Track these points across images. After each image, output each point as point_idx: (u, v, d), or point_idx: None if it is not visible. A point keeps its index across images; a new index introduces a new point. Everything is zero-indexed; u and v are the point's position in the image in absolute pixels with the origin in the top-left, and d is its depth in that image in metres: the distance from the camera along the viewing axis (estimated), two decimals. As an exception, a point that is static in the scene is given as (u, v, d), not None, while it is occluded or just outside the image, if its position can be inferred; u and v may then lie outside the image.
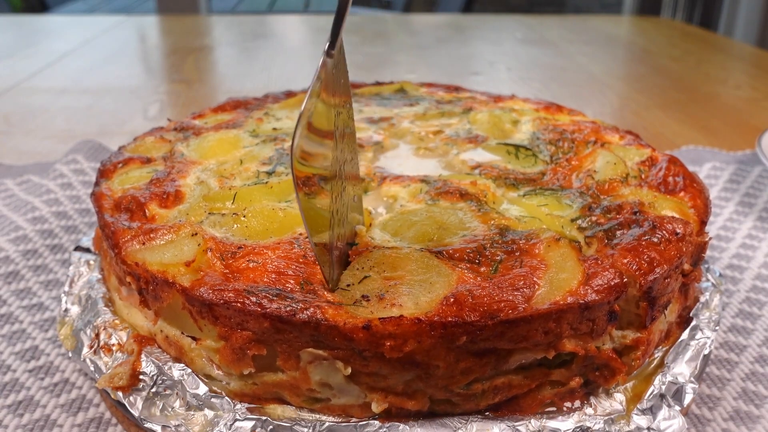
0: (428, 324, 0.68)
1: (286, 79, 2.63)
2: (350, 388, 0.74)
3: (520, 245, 0.81)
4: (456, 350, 0.71)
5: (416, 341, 0.69)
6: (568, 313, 0.72)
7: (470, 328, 0.69)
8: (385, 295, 0.73)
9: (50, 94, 2.37)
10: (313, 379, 0.74)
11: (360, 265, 0.78)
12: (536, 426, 0.75)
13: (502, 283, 0.74)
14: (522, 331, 0.71)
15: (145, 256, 0.82)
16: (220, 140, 1.13)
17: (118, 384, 0.79)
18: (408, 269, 0.77)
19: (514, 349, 0.73)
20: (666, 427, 0.76)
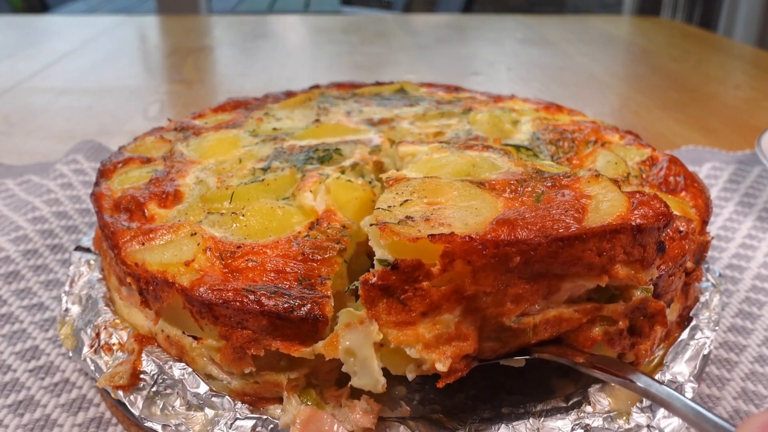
0: (480, 242, 0.65)
1: (286, 79, 2.63)
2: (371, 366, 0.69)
3: (560, 181, 0.79)
4: (507, 274, 0.67)
5: (466, 261, 0.65)
6: (621, 234, 0.70)
7: (524, 248, 0.66)
8: (431, 216, 0.71)
9: (50, 94, 2.37)
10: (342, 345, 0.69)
11: (398, 190, 0.77)
12: (536, 424, 0.75)
13: (552, 207, 0.72)
14: (577, 251, 0.68)
15: (145, 257, 0.82)
16: (219, 140, 1.13)
17: (118, 383, 0.80)
18: (450, 196, 0.75)
19: (566, 275, 0.70)
20: (665, 426, 0.76)
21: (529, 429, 0.75)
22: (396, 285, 0.67)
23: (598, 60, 3.06)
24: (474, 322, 0.70)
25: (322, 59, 3.11)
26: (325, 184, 0.93)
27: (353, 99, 1.40)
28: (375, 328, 0.67)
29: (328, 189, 0.92)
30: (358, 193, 0.93)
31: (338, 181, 0.94)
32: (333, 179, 0.94)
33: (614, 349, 0.76)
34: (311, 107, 1.33)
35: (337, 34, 3.61)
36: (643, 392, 0.67)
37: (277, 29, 3.87)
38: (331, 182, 0.94)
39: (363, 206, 0.92)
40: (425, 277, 0.66)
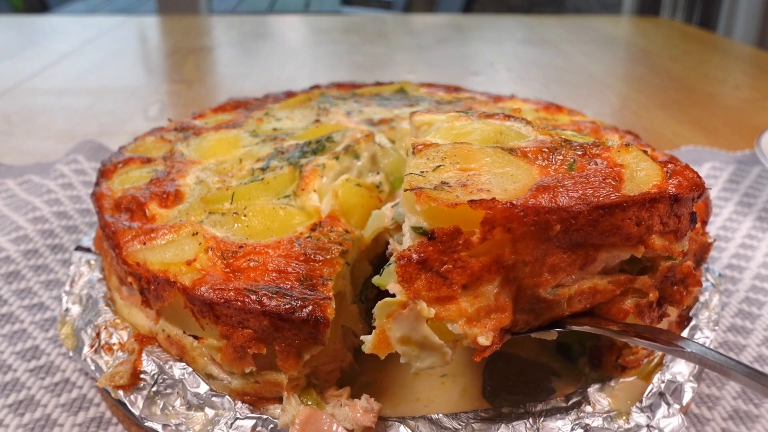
0: (522, 209, 0.62)
1: (286, 79, 2.63)
2: (433, 341, 0.66)
3: (590, 150, 0.77)
4: (546, 243, 0.65)
5: (506, 229, 0.63)
6: (660, 203, 0.69)
7: (564, 215, 0.64)
8: (467, 182, 0.68)
9: (51, 95, 2.37)
10: (393, 338, 0.66)
11: (428, 156, 0.74)
12: (536, 424, 0.75)
13: (588, 175, 0.70)
14: (617, 219, 0.67)
15: (146, 256, 0.82)
16: (220, 140, 1.13)
17: (118, 383, 0.80)
18: (484, 162, 0.73)
19: (603, 245, 0.69)
20: (665, 425, 0.76)
21: (529, 429, 0.75)
22: (434, 257, 0.64)
23: (597, 60, 3.06)
24: (510, 294, 0.67)
25: (322, 59, 3.11)
26: (333, 188, 0.93)
27: (353, 99, 1.40)
28: (422, 305, 0.64)
29: (336, 193, 0.92)
30: (365, 200, 0.93)
31: (347, 184, 0.94)
32: (342, 182, 0.94)
33: (644, 321, 0.75)
34: (311, 107, 1.33)
35: (337, 34, 3.61)
36: (698, 360, 0.63)
37: (277, 29, 3.87)
38: (339, 185, 0.93)
39: (368, 214, 0.92)
40: (464, 247, 0.63)
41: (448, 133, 0.85)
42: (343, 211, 0.90)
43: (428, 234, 0.64)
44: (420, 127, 0.93)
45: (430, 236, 0.63)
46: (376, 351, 0.67)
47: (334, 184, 0.94)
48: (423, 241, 0.64)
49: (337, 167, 0.99)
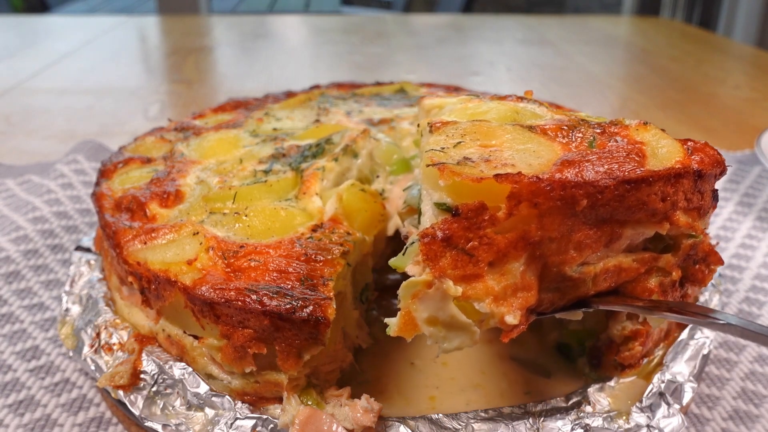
0: (548, 183, 0.61)
1: (286, 79, 2.63)
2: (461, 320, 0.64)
3: (608, 128, 0.76)
4: (572, 219, 0.64)
5: (532, 204, 0.61)
6: (684, 178, 0.69)
7: (591, 190, 0.63)
8: (490, 158, 0.67)
9: (51, 95, 2.37)
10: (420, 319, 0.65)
11: (447, 133, 0.73)
12: (536, 424, 0.75)
13: (611, 151, 0.69)
14: (643, 195, 0.66)
15: (147, 256, 0.82)
16: (220, 140, 1.13)
17: (118, 383, 0.80)
18: (504, 139, 0.71)
19: (628, 222, 0.68)
20: (665, 425, 0.76)
21: (529, 429, 0.75)
22: (459, 234, 0.62)
23: (597, 60, 3.06)
24: (535, 272, 0.66)
25: (322, 59, 3.11)
26: (338, 192, 0.93)
27: (353, 99, 1.40)
28: (448, 283, 0.62)
29: (341, 196, 0.92)
30: (370, 205, 0.94)
31: (352, 189, 0.94)
32: (346, 186, 0.94)
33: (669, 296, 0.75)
34: (311, 107, 1.33)
35: (337, 34, 3.61)
36: (740, 332, 0.62)
37: (277, 29, 3.87)
38: (344, 189, 0.93)
39: (372, 220, 0.92)
40: (490, 223, 0.62)
41: (463, 113, 0.83)
42: (347, 215, 0.90)
43: (452, 210, 0.62)
44: (430, 110, 0.91)
45: (455, 212, 0.62)
46: (402, 333, 0.65)
47: (339, 188, 0.94)
48: (447, 217, 0.63)
49: (337, 169, 0.99)
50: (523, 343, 0.97)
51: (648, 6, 6.36)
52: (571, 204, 0.63)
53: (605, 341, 0.87)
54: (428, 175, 0.67)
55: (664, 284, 0.74)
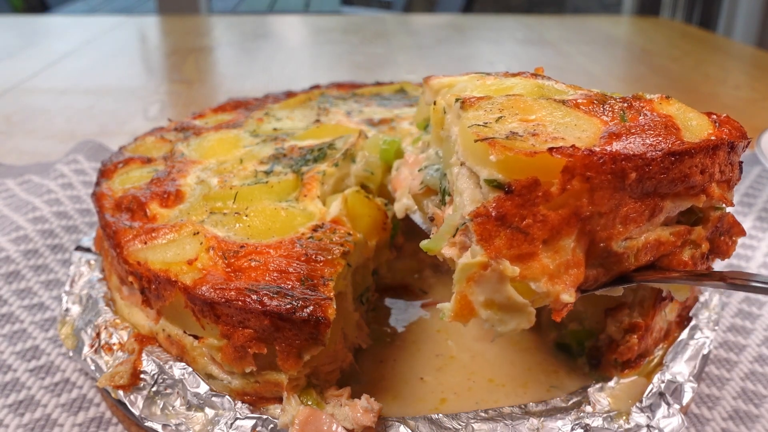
0: (601, 156, 0.60)
1: (286, 79, 2.63)
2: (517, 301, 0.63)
3: (633, 102, 0.75)
4: (620, 193, 0.64)
5: (585, 178, 0.60)
6: (720, 150, 0.69)
7: (640, 162, 0.63)
8: (537, 131, 0.66)
9: (51, 95, 2.37)
10: (476, 302, 0.64)
11: (484, 108, 0.71)
12: (536, 424, 0.75)
13: (648, 124, 0.69)
14: (685, 167, 0.66)
15: (147, 256, 0.82)
16: (220, 140, 1.13)
17: (118, 383, 0.80)
18: (543, 113, 0.70)
19: (668, 195, 0.68)
20: (665, 425, 0.76)
21: (529, 429, 0.75)
22: (513, 212, 0.61)
23: (597, 60, 3.06)
24: (583, 248, 0.65)
25: (322, 59, 3.11)
26: (343, 194, 0.93)
27: (353, 99, 1.40)
28: (505, 263, 0.61)
29: (346, 199, 0.92)
30: (373, 212, 0.94)
31: (357, 195, 0.94)
32: (352, 192, 0.94)
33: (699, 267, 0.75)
34: (311, 107, 1.33)
35: (337, 34, 3.61)
36: None
37: (277, 29, 3.87)
38: (350, 194, 0.94)
39: (374, 225, 0.93)
40: (543, 199, 0.60)
41: (487, 89, 0.81)
42: (351, 218, 0.90)
43: (504, 187, 0.61)
44: (439, 90, 0.89)
45: (507, 189, 0.61)
46: (458, 319, 0.64)
47: (345, 192, 0.94)
48: (500, 195, 0.61)
49: (337, 174, 0.99)
50: (524, 343, 0.97)
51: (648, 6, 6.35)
52: (620, 177, 0.62)
53: (605, 341, 0.87)
54: (475, 150, 0.64)
55: (694, 257, 0.73)
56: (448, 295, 0.67)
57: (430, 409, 0.84)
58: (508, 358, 0.94)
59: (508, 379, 0.89)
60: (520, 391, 0.87)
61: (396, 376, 0.90)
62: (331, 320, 0.72)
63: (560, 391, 0.86)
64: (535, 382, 0.88)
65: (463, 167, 0.69)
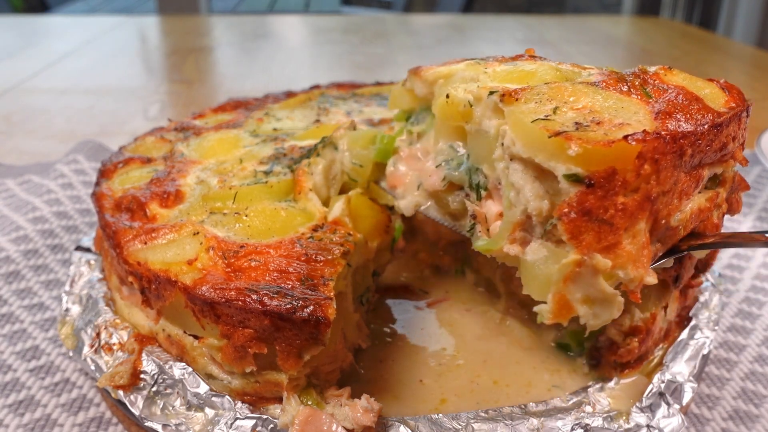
0: (665, 138, 0.62)
1: (286, 79, 2.63)
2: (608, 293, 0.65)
3: (644, 77, 0.76)
4: (676, 170, 0.65)
5: (653, 161, 0.61)
6: (742, 116, 0.72)
7: (692, 138, 0.65)
8: (600, 119, 0.66)
9: (51, 95, 2.37)
10: (574, 300, 0.65)
11: (533, 100, 0.70)
12: (536, 424, 0.75)
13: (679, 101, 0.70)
14: (722, 136, 0.69)
15: (147, 256, 0.82)
16: (220, 140, 1.13)
17: (118, 383, 0.80)
18: (588, 100, 0.69)
19: (706, 164, 0.71)
20: (665, 425, 0.76)
21: (529, 429, 0.75)
22: (596, 205, 0.62)
23: (597, 60, 3.06)
24: (648, 228, 0.67)
25: (322, 59, 3.11)
26: (346, 196, 0.93)
27: (353, 99, 1.40)
28: (598, 258, 0.62)
29: (349, 199, 0.92)
30: (377, 214, 0.94)
31: (361, 197, 0.94)
32: (356, 194, 0.94)
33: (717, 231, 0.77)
34: (311, 107, 1.33)
35: (337, 34, 3.61)
36: None
37: (277, 29, 3.87)
38: (353, 195, 0.94)
39: (377, 227, 0.93)
40: (622, 188, 0.61)
41: (507, 77, 0.80)
42: (353, 218, 0.90)
43: (584, 181, 0.62)
44: (435, 81, 0.87)
45: (588, 183, 0.62)
46: (557, 319, 0.65)
47: (348, 194, 0.94)
48: (581, 190, 0.62)
49: (321, 162, 0.98)
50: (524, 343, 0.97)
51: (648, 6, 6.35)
52: (679, 155, 0.64)
53: (604, 342, 0.87)
54: (546, 146, 0.64)
55: (720, 218, 0.76)
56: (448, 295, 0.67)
57: (430, 409, 0.84)
58: (513, 357, 0.94)
59: (513, 378, 0.89)
60: (524, 391, 0.87)
61: (396, 376, 0.90)
62: (331, 320, 0.72)
63: (561, 390, 0.86)
64: (540, 381, 0.89)
65: (514, 162, 0.69)
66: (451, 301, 1.07)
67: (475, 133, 0.79)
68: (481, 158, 0.78)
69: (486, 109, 0.75)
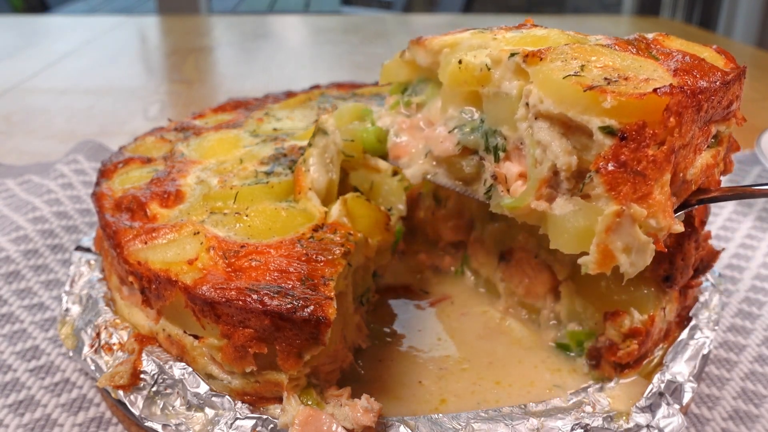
0: (687, 92, 0.65)
1: (286, 79, 2.63)
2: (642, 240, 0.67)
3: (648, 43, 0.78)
4: (693, 125, 0.68)
5: (677, 114, 0.64)
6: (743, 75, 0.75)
7: (708, 94, 0.68)
8: (625, 75, 0.69)
9: (51, 95, 2.37)
10: (616, 249, 0.67)
11: (559, 59, 0.72)
12: (536, 424, 0.75)
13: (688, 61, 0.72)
14: (730, 94, 0.72)
15: (148, 255, 0.82)
16: (220, 140, 1.13)
17: (118, 383, 0.80)
18: (608, 59, 0.72)
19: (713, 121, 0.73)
20: (665, 425, 0.76)
21: (529, 429, 0.75)
22: (631, 157, 0.65)
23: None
24: (668, 180, 0.69)
25: (322, 59, 3.11)
26: (342, 197, 0.93)
27: (353, 99, 1.40)
28: (635, 208, 0.65)
29: (345, 201, 0.92)
30: (374, 212, 0.94)
31: (357, 199, 0.94)
32: (351, 196, 0.94)
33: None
34: (311, 107, 1.33)
35: (337, 34, 3.61)
36: None
37: (277, 29, 3.87)
38: (349, 197, 0.94)
39: (375, 224, 0.93)
40: (651, 140, 0.65)
41: (522, 41, 0.82)
42: (351, 218, 0.90)
43: (617, 133, 0.65)
44: (440, 50, 0.88)
45: (622, 136, 0.65)
46: (601, 269, 0.68)
47: (344, 196, 0.94)
48: (616, 143, 0.65)
49: (314, 152, 0.97)
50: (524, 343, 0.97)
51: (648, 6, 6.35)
52: (697, 110, 0.67)
53: (604, 342, 0.87)
54: (580, 100, 0.67)
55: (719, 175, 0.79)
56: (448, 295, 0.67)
57: (430, 409, 0.84)
58: (515, 357, 0.94)
59: (516, 378, 0.89)
60: (525, 390, 0.87)
61: (396, 376, 0.90)
62: (332, 320, 0.72)
63: (562, 390, 0.86)
64: (541, 381, 0.89)
65: (540, 120, 0.72)
66: (451, 301, 1.07)
67: (493, 96, 0.80)
68: (500, 120, 0.80)
69: (506, 71, 0.78)
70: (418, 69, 0.96)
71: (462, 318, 1.02)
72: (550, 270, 0.96)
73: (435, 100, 0.92)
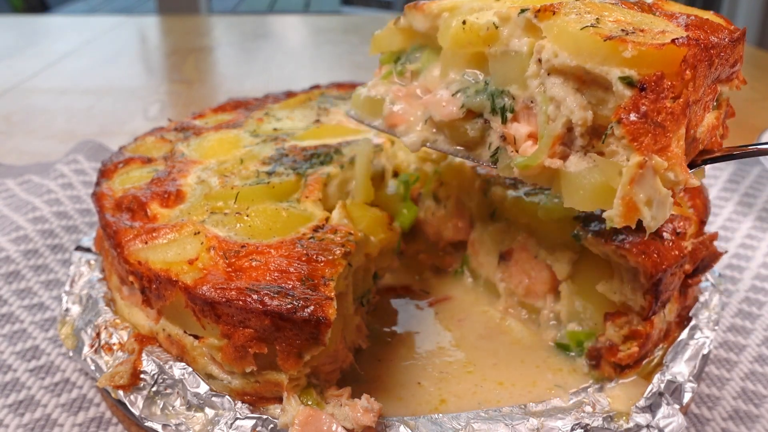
0: (701, 45, 0.65)
1: (286, 79, 2.63)
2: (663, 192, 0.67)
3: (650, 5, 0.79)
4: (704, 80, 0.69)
5: (693, 67, 0.65)
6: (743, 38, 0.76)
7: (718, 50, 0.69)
8: (641, 28, 0.69)
9: (51, 95, 2.37)
10: (640, 202, 0.67)
11: (573, 12, 0.72)
12: (536, 424, 0.75)
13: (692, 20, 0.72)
14: (735, 53, 0.73)
15: (148, 255, 0.82)
16: (220, 140, 1.13)
17: (118, 383, 0.80)
18: (620, 14, 0.72)
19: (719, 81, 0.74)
20: (665, 425, 0.76)
21: (529, 429, 0.75)
22: (651, 108, 0.64)
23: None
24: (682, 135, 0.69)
25: (322, 59, 3.11)
26: (341, 201, 0.93)
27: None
28: (656, 159, 0.65)
29: (344, 204, 0.92)
30: (374, 213, 0.95)
31: (356, 204, 0.96)
32: (351, 203, 0.96)
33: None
34: (311, 107, 1.33)
35: (337, 34, 3.61)
36: None
37: (277, 29, 3.87)
38: (348, 201, 0.95)
39: (377, 222, 0.93)
40: (669, 92, 0.64)
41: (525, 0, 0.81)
42: (351, 219, 0.91)
43: (637, 84, 0.64)
44: (439, 14, 0.87)
45: (641, 87, 0.64)
46: (626, 221, 0.67)
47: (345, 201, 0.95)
48: (635, 93, 0.65)
49: (341, 176, 1.01)
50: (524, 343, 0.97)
51: (648, 6, 6.35)
52: (709, 65, 0.67)
53: (604, 343, 0.87)
54: (599, 50, 0.67)
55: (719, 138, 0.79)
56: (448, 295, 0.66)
57: (430, 409, 0.84)
58: (518, 357, 0.94)
59: (518, 378, 0.89)
60: (526, 390, 0.87)
61: (396, 376, 0.90)
62: (332, 320, 0.72)
63: (564, 390, 0.86)
64: (543, 381, 0.88)
65: (553, 76, 0.72)
66: (451, 301, 1.07)
67: (501, 55, 0.79)
68: (508, 80, 0.79)
69: (515, 29, 0.77)
70: (412, 36, 0.94)
71: (462, 318, 1.02)
72: (550, 270, 0.96)
73: (432, 66, 0.91)
